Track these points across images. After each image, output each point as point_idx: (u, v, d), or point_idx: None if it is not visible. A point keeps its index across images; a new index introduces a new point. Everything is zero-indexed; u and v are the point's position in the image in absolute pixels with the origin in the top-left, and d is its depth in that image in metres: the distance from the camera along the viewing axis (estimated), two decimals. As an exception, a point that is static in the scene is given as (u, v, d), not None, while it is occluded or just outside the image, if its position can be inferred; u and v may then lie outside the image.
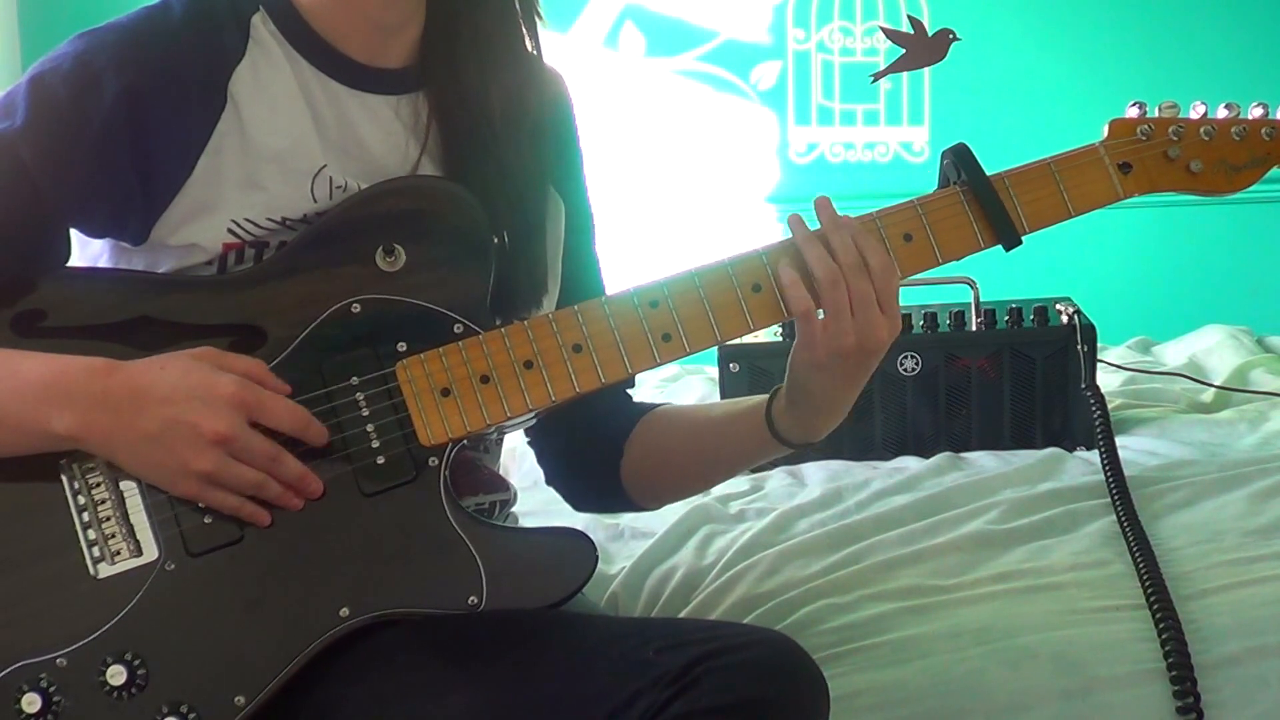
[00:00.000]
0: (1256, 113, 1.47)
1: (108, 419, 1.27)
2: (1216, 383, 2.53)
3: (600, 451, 1.56)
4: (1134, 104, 1.47)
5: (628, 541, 1.98)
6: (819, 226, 1.37)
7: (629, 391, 1.59)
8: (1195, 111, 1.47)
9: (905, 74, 3.55)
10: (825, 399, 1.40)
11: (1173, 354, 2.85)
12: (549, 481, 1.65)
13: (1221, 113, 1.47)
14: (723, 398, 2.25)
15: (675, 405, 1.63)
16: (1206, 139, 1.46)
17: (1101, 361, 2.47)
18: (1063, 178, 1.42)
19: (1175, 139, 1.45)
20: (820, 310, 1.35)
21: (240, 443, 1.26)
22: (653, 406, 1.59)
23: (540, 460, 1.63)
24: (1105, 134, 1.46)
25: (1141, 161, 1.45)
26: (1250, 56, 3.57)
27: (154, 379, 1.27)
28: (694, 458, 1.56)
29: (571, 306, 1.37)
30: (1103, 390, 2.22)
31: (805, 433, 1.44)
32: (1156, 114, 1.47)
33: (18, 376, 1.28)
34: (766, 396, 1.47)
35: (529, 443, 1.62)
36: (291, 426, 1.29)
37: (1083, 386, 2.20)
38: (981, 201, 1.41)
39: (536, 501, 2.07)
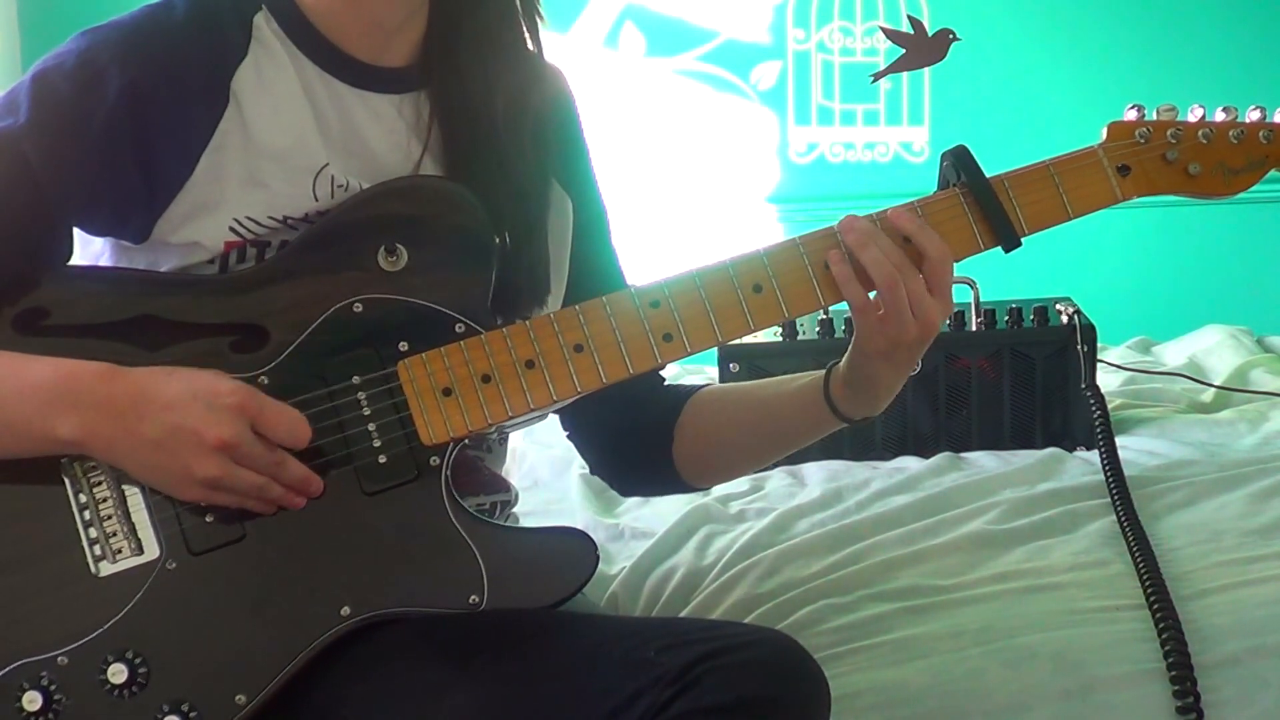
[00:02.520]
0: (1254, 116, 1.47)
1: (112, 424, 1.27)
2: (1216, 383, 2.53)
3: (649, 438, 1.56)
4: (1132, 107, 1.47)
5: (628, 541, 1.98)
6: (853, 232, 1.37)
7: (661, 374, 1.59)
8: (1193, 114, 1.47)
9: (905, 74, 3.55)
10: (888, 380, 1.43)
11: (1173, 354, 2.84)
12: (594, 471, 1.66)
13: (1219, 116, 1.47)
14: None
15: (721, 385, 1.63)
16: (1204, 142, 1.46)
17: (1101, 361, 2.47)
18: (1062, 180, 1.43)
19: (1174, 142, 1.45)
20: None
21: (243, 448, 1.26)
22: (697, 388, 1.59)
23: (584, 453, 1.64)
24: (1104, 136, 1.46)
25: (1140, 164, 1.45)
26: (1249, 59, 3.57)
27: (158, 385, 1.27)
28: (754, 439, 1.57)
29: (573, 306, 1.38)
30: (1103, 390, 2.22)
31: (867, 409, 1.47)
32: (1155, 117, 1.47)
33: (23, 379, 1.28)
34: (821, 375, 1.48)
35: (568, 436, 1.62)
36: (289, 439, 1.29)
37: (1083, 386, 2.20)
38: (981, 203, 1.41)
39: (537, 501, 2.07)
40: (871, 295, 1.37)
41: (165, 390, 1.27)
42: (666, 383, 1.60)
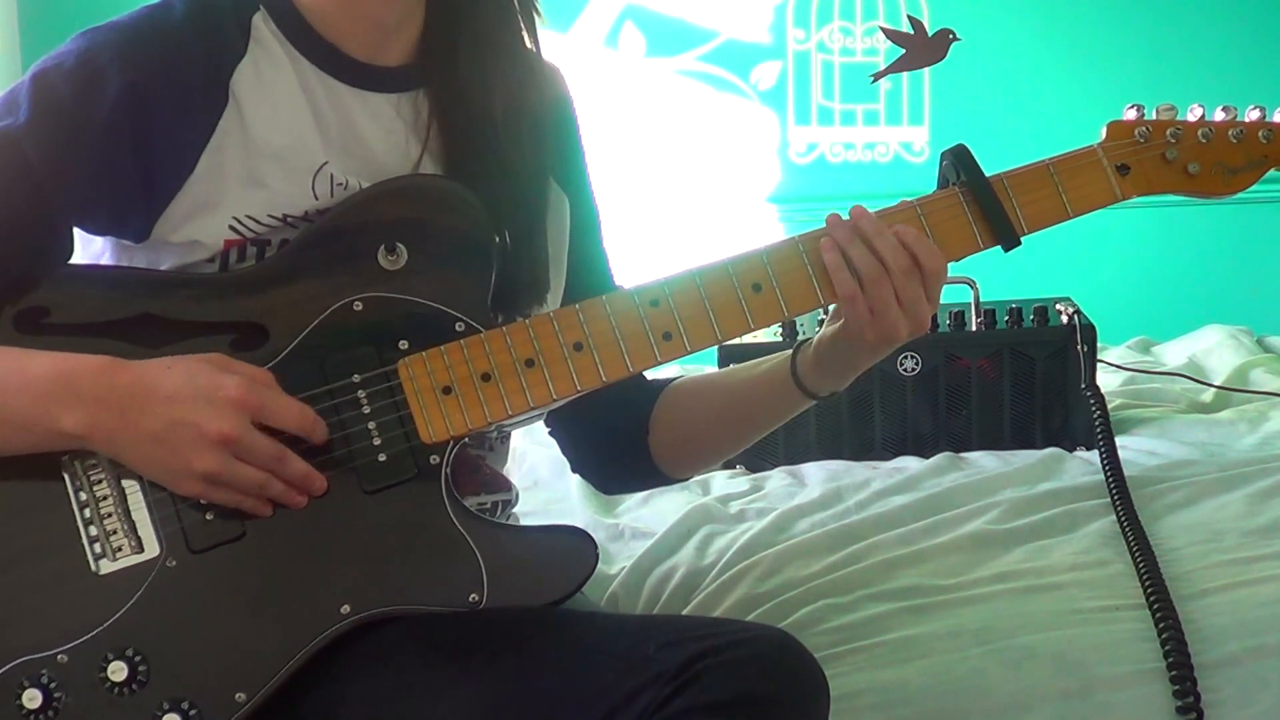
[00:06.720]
0: (1253, 115, 1.48)
1: (113, 418, 1.27)
2: (1216, 383, 2.54)
3: (625, 433, 1.57)
4: (1132, 106, 1.47)
5: (628, 541, 1.98)
6: (853, 227, 1.38)
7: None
8: (1193, 114, 1.48)
9: (905, 74, 3.55)
10: (864, 364, 1.45)
11: (1173, 354, 2.85)
12: (575, 469, 1.66)
13: (1219, 115, 1.48)
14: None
15: (693, 376, 1.64)
16: (1204, 141, 1.46)
17: (1101, 361, 2.47)
18: (1061, 179, 1.43)
19: (1173, 141, 1.46)
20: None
21: (244, 443, 1.27)
22: (669, 381, 1.60)
23: (565, 450, 1.64)
24: (1103, 136, 1.46)
25: (1139, 163, 1.45)
26: (1249, 58, 3.57)
27: (159, 379, 1.27)
28: (725, 425, 1.58)
29: (573, 305, 1.38)
30: (1103, 390, 2.22)
31: (834, 386, 1.48)
32: (1154, 116, 1.47)
33: (25, 374, 1.28)
34: (788, 356, 1.48)
35: (550, 433, 1.63)
36: (297, 426, 1.29)
37: (1083, 386, 2.21)
38: (981, 202, 1.41)
39: (537, 501, 2.07)
40: None
41: (166, 383, 1.27)
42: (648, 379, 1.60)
